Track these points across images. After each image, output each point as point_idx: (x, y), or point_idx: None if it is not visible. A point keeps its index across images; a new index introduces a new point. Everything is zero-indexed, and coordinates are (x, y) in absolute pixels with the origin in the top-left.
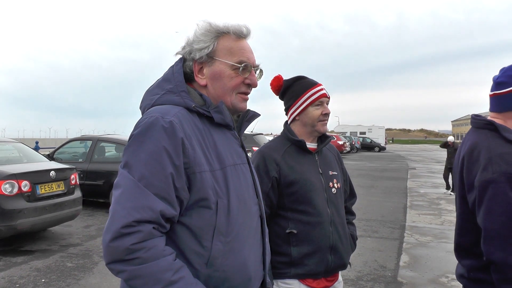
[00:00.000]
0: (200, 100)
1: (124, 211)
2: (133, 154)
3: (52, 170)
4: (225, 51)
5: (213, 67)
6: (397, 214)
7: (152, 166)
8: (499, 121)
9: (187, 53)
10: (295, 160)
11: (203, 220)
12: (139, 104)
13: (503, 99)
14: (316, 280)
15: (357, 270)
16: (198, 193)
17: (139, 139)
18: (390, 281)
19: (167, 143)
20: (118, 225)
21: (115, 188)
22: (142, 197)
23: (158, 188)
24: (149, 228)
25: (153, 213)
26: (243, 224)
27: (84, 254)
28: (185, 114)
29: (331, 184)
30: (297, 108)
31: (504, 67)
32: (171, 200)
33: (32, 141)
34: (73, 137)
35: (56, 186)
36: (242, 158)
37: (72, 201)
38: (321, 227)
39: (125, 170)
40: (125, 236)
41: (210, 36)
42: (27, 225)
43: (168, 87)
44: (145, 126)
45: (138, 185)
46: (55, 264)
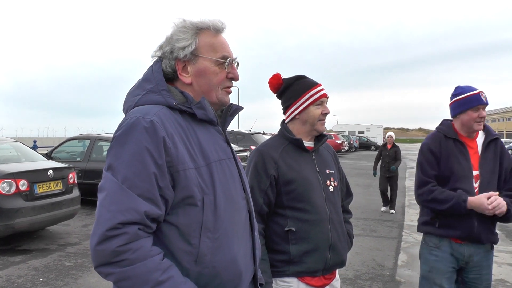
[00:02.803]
0: (181, 97)
1: (109, 214)
2: (116, 156)
3: (50, 169)
4: (207, 47)
5: (197, 65)
6: (394, 213)
7: (134, 167)
8: (455, 123)
9: (167, 52)
10: (293, 159)
11: (190, 218)
12: (123, 106)
13: (450, 109)
14: (314, 277)
15: (355, 269)
16: (183, 191)
17: (121, 140)
18: (388, 280)
19: (149, 143)
20: (103, 228)
21: (99, 192)
22: (126, 199)
23: (141, 189)
24: (134, 230)
25: (137, 214)
26: (231, 220)
27: (82, 253)
28: (167, 113)
29: (328, 183)
30: (298, 107)
31: (458, 85)
32: (155, 200)
33: (30, 140)
34: (71, 136)
35: (54, 185)
36: (227, 153)
37: (70, 200)
38: (320, 225)
39: (109, 173)
40: (111, 238)
41: (190, 34)
42: (25, 224)
43: (149, 87)
44: (126, 127)
45: (121, 187)
46: (53, 263)
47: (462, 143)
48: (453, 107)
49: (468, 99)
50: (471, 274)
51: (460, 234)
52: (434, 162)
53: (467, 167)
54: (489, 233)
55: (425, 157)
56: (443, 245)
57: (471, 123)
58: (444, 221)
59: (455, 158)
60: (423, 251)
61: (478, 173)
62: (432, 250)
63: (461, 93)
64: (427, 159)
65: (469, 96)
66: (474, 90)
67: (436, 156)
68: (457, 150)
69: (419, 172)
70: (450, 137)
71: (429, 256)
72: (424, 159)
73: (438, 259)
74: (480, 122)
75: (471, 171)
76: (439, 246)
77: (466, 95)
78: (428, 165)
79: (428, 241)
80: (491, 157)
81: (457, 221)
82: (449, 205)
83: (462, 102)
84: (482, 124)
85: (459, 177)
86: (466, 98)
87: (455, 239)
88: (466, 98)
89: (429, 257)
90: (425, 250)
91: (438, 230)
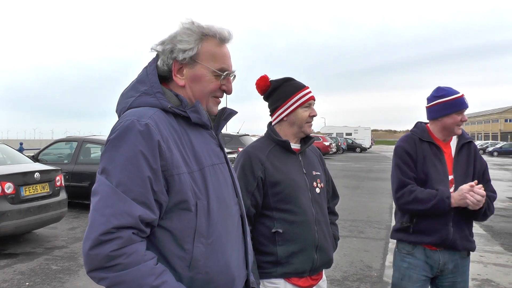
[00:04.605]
0: (176, 100)
1: (103, 218)
2: (110, 160)
3: (37, 171)
4: (208, 55)
5: (194, 70)
6: (383, 215)
7: (129, 171)
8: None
9: (167, 50)
10: (280, 160)
11: (183, 223)
12: (116, 107)
13: (428, 111)
14: (301, 278)
15: (343, 270)
16: (177, 195)
17: (115, 144)
18: (376, 281)
19: (144, 147)
20: (97, 232)
21: (93, 195)
22: (120, 203)
23: (136, 193)
24: (128, 234)
25: (132, 218)
26: (224, 225)
27: (70, 257)
28: (161, 116)
29: (315, 184)
30: (286, 109)
31: (439, 86)
32: (149, 204)
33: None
34: (59, 138)
35: (40, 187)
36: (220, 158)
37: (57, 203)
38: (306, 226)
39: (103, 176)
40: (105, 243)
41: (195, 38)
42: (10, 228)
43: (143, 89)
44: (121, 130)
45: (115, 191)
46: (40, 267)
47: (437, 146)
48: (435, 109)
49: (455, 102)
50: (446, 282)
51: (434, 240)
52: (412, 164)
53: (443, 171)
54: (465, 239)
55: (402, 159)
56: (416, 252)
57: (452, 127)
58: (418, 227)
59: (430, 162)
60: (395, 258)
61: (453, 177)
62: (404, 257)
63: (445, 95)
64: (404, 161)
65: (455, 99)
66: (458, 93)
67: (413, 158)
68: (432, 153)
69: (398, 174)
70: (424, 140)
71: (401, 263)
72: (401, 161)
73: (410, 267)
74: (460, 126)
75: (447, 175)
76: (413, 253)
77: (452, 98)
78: (407, 167)
79: (401, 248)
80: (464, 161)
81: (432, 227)
82: (432, 203)
83: (448, 105)
84: (461, 128)
85: (435, 181)
86: (453, 101)
87: (429, 246)
88: (452, 101)
89: (401, 264)
90: (398, 257)
91: (412, 236)
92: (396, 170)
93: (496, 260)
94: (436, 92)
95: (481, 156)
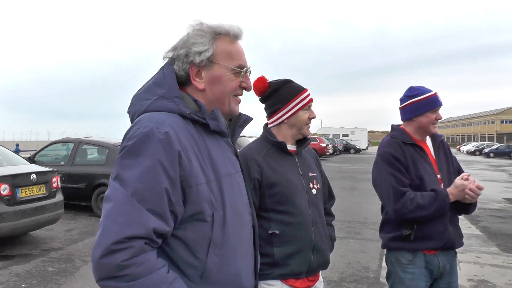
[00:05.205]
0: (194, 106)
1: (116, 226)
2: (127, 167)
3: (33, 173)
4: (224, 54)
5: (212, 71)
6: (379, 216)
7: (146, 180)
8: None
9: (182, 55)
10: (276, 162)
11: (198, 233)
12: (127, 109)
13: (401, 112)
14: (298, 280)
15: (340, 271)
16: (194, 206)
17: (133, 151)
18: (372, 282)
19: (163, 157)
20: (108, 241)
21: (106, 201)
22: (135, 213)
23: (151, 204)
24: (141, 244)
25: (145, 229)
26: (237, 235)
27: (66, 259)
28: (180, 123)
29: (311, 185)
30: (287, 111)
31: (411, 85)
32: (165, 216)
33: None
34: (55, 140)
35: (37, 189)
36: (236, 167)
37: (53, 204)
38: (303, 227)
39: (117, 183)
40: (116, 252)
41: (208, 38)
42: (7, 230)
43: (160, 92)
44: (140, 137)
45: (131, 200)
46: (36, 269)
47: (421, 147)
48: (409, 109)
49: (428, 100)
50: (442, 284)
51: (437, 243)
52: (404, 170)
53: (432, 171)
54: (460, 237)
55: (393, 166)
56: (417, 259)
57: (428, 126)
58: (420, 232)
59: (420, 165)
60: (394, 270)
61: (440, 177)
62: (406, 268)
63: (418, 94)
64: (397, 168)
65: (429, 98)
66: (431, 91)
67: (403, 164)
68: (418, 156)
69: (393, 183)
70: (407, 143)
71: (404, 274)
72: (393, 169)
73: (415, 277)
74: (436, 124)
75: (436, 175)
76: (414, 261)
77: (425, 97)
78: (400, 174)
79: (400, 258)
80: (444, 159)
81: (434, 230)
82: (436, 207)
83: (422, 104)
84: (436, 126)
85: (429, 183)
86: (426, 99)
87: (429, 250)
88: (426, 100)
89: (404, 276)
90: (398, 269)
91: (413, 244)
92: (389, 179)
93: (492, 261)
94: (408, 92)
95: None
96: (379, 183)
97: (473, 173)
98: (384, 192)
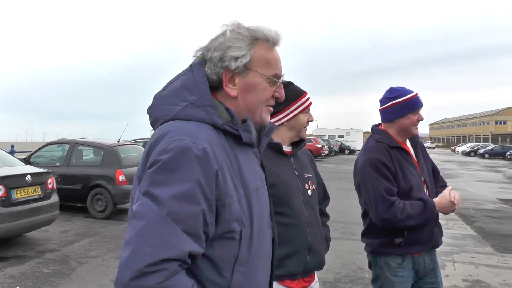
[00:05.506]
0: (227, 116)
1: (150, 248)
2: (161, 184)
3: (28, 174)
4: (261, 61)
5: (247, 78)
6: None
7: (182, 200)
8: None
9: (216, 58)
10: (272, 163)
11: (225, 251)
12: (148, 110)
13: (382, 114)
14: (294, 280)
15: (335, 272)
16: (225, 225)
17: (168, 167)
18: (368, 283)
19: (201, 176)
20: (141, 263)
21: (135, 218)
22: (171, 234)
23: (187, 225)
24: (175, 266)
25: (182, 252)
26: (259, 250)
27: (61, 260)
28: (214, 136)
29: (307, 186)
30: (288, 114)
31: (391, 86)
32: (199, 238)
33: (8, 145)
34: (51, 141)
35: (32, 190)
36: (262, 180)
37: (49, 205)
38: (299, 228)
39: (149, 199)
40: (149, 274)
41: (246, 43)
42: (2, 231)
43: (191, 99)
44: (175, 152)
45: (166, 219)
46: (31, 270)
47: (405, 150)
48: (391, 111)
49: (410, 102)
50: (428, 280)
51: (424, 246)
52: (392, 178)
53: (417, 174)
54: (441, 234)
55: (382, 174)
56: (406, 262)
57: (410, 127)
58: (410, 239)
59: (407, 170)
60: (384, 274)
61: (424, 179)
62: (396, 272)
63: (399, 96)
64: (385, 176)
65: (410, 99)
66: (412, 92)
67: (391, 171)
68: (404, 160)
69: (382, 192)
70: (393, 147)
71: (394, 278)
72: (382, 177)
73: (404, 279)
74: (417, 125)
75: (421, 178)
76: (403, 265)
77: (406, 98)
78: (389, 182)
79: (390, 262)
80: (423, 160)
81: (421, 235)
82: (424, 218)
83: (404, 105)
84: (418, 127)
85: (416, 188)
86: (408, 101)
87: (416, 252)
88: (408, 101)
89: (394, 279)
90: (388, 273)
91: (403, 249)
92: (378, 188)
93: (487, 261)
94: (389, 94)
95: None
96: (365, 190)
97: (468, 173)
98: (371, 200)
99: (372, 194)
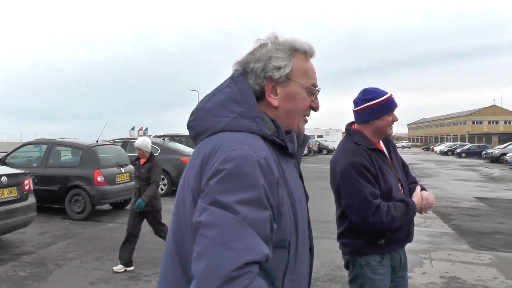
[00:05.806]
0: (272, 126)
1: (232, 252)
2: (229, 192)
3: (4, 175)
4: (300, 71)
5: (288, 88)
6: None
7: (253, 206)
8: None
9: (259, 69)
10: None
11: (278, 260)
12: (190, 122)
13: (356, 115)
14: None
15: (314, 271)
16: (280, 234)
17: (234, 174)
18: (346, 281)
19: (265, 182)
20: (227, 268)
21: (206, 228)
22: (250, 237)
23: (260, 230)
24: (257, 269)
25: (262, 254)
26: (303, 260)
27: (38, 263)
28: (265, 146)
29: None
30: None
31: (366, 88)
32: (268, 243)
33: None
34: (28, 141)
35: (8, 192)
36: (301, 190)
37: (25, 207)
38: None
39: (218, 208)
40: (236, 278)
41: (286, 53)
42: None
43: (239, 110)
44: (239, 160)
45: (242, 224)
46: (6, 273)
47: (382, 151)
48: (366, 112)
49: (385, 103)
50: (399, 273)
51: (402, 244)
52: (374, 181)
53: (394, 175)
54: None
55: (365, 177)
56: (385, 260)
57: (385, 128)
58: (391, 239)
59: (386, 171)
60: (364, 273)
61: (398, 178)
62: (376, 269)
63: (375, 97)
64: (368, 180)
65: (386, 100)
66: (386, 93)
67: (373, 174)
68: (382, 161)
69: (367, 197)
70: (371, 148)
71: (374, 275)
72: (366, 181)
73: (383, 277)
74: (392, 126)
75: (397, 177)
76: (383, 262)
77: (382, 99)
78: (372, 186)
79: (370, 261)
80: (395, 158)
81: (400, 234)
82: (408, 218)
83: (380, 107)
84: (392, 127)
85: (394, 188)
86: (383, 102)
87: (394, 250)
88: (383, 103)
89: (374, 277)
90: (368, 271)
91: (383, 248)
92: (363, 192)
93: (463, 258)
94: (363, 95)
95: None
96: (348, 194)
97: (446, 172)
98: (355, 204)
99: (356, 198)
